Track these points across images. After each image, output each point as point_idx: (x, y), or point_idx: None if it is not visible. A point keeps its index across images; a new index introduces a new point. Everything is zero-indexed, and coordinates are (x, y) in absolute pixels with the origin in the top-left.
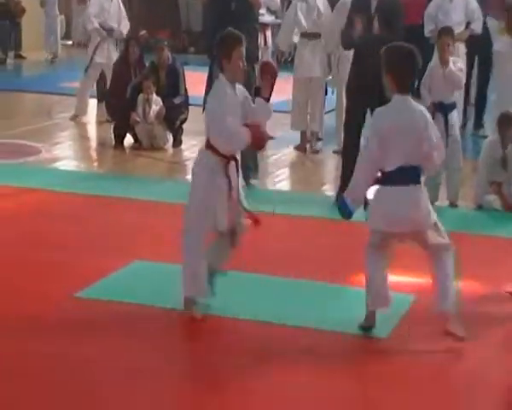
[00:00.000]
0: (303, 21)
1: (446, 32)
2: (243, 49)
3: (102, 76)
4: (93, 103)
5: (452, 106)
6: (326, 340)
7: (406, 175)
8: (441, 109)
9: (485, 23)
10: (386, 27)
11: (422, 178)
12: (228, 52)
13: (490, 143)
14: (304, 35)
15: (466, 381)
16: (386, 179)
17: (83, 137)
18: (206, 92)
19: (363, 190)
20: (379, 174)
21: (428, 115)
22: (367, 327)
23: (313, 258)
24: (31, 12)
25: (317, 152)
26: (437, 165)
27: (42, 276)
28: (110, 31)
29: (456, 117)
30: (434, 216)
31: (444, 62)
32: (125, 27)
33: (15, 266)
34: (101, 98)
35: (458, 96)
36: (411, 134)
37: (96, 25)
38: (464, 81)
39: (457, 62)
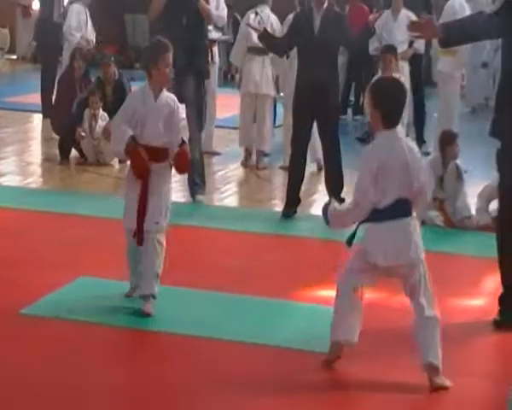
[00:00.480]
0: (253, 35)
1: (389, 49)
2: (170, 57)
3: (48, 91)
4: (39, 118)
5: None
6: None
7: (400, 209)
8: None
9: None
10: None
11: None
12: (155, 59)
13: (431, 161)
14: (252, 49)
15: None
16: (380, 215)
17: (27, 152)
18: None
19: (349, 226)
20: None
21: (417, 149)
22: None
23: (259, 273)
24: None
25: (263, 168)
26: (428, 198)
27: None
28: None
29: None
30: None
31: None
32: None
33: None
34: (46, 113)
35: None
36: (403, 169)
37: (78, 38)
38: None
39: (401, 78)
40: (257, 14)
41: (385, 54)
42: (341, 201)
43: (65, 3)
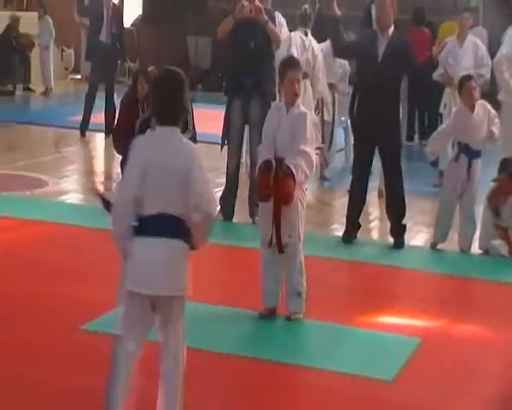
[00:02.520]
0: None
1: (469, 78)
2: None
3: (110, 111)
4: (101, 137)
5: (478, 153)
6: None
7: (163, 226)
8: (466, 152)
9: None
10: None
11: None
12: (281, 76)
13: (491, 189)
14: None
15: None
16: (141, 225)
17: (89, 171)
18: (224, 131)
19: (118, 230)
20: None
21: (199, 157)
22: None
23: (318, 297)
24: None
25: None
26: (207, 222)
27: (48, 308)
28: None
29: (479, 165)
30: (185, 289)
31: (471, 107)
32: None
33: (22, 298)
34: (108, 132)
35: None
36: (172, 176)
37: None
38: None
39: (487, 106)
40: (306, 34)
41: (468, 82)
42: (403, 228)
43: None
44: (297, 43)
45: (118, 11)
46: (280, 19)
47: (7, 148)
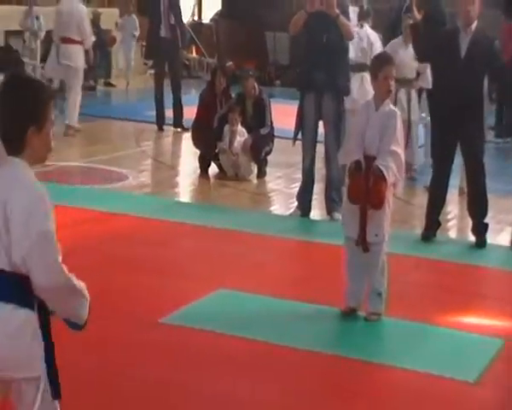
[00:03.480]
0: (351, 51)
1: None
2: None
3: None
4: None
5: None
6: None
7: None
8: None
9: None
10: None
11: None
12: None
13: None
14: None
15: None
16: None
17: (168, 165)
18: (297, 127)
19: None
20: None
21: (42, 200)
22: None
23: (398, 295)
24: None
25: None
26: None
27: (127, 300)
28: None
29: None
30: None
31: None
32: None
33: (102, 291)
34: (176, 125)
35: None
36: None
37: None
38: None
39: None
40: (362, 26)
41: None
42: (485, 226)
43: (172, 20)
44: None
45: (174, 2)
46: (354, 13)
47: (89, 141)
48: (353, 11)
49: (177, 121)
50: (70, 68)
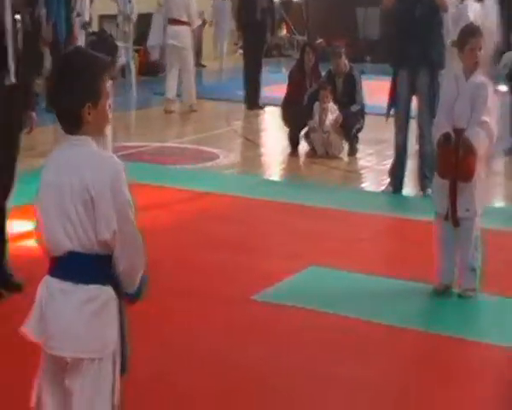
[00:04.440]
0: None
1: None
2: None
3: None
4: (270, 111)
5: None
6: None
7: (72, 268)
8: None
9: None
10: None
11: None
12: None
13: None
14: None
15: None
16: (50, 267)
17: (258, 143)
18: (390, 103)
19: None
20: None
21: (119, 171)
22: None
23: (496, 272)
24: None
25: None
26: (136, 272)
27: (220, 278)
28: None
29: None
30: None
31: None
32: None
33: (195, 268)
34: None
35: None
36: (74, 200)
37: None
38: None
39: None
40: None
41: None
42: None
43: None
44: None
45: None
46: None
47: (181, 122)
48: None
49: (254, 101)
50: (179, 49)
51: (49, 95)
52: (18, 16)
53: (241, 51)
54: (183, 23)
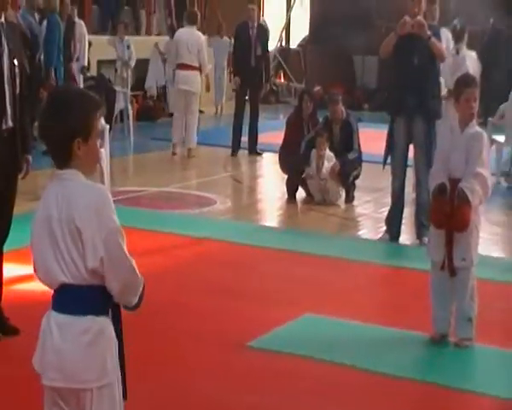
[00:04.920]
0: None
1: None
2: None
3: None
4: (268, 157)
5: None
6: None
7: (65, 299)
8: None
9: None
10: None
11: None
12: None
13: None
14: None
15: None
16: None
17: (255, 189)
18: (386, 151)
19: None
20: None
21: (106, 198)
22: None
23: (490, 321)
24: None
25: None
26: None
27: (216, 323)
28: None
29: None
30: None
31: None
32: None
33: (191, 312)
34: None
35: None
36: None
37: None
38: None
39: None
40: (458, 52)
41: None
42: None
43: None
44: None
45: (262, 31)
46: (447, 35)
47: (178, 167)
48: (443, 32)
49: (252, 147)
50: (188, 93)
51: (40, 128)
52: (16, 61)
53: None
54: (193, 68)
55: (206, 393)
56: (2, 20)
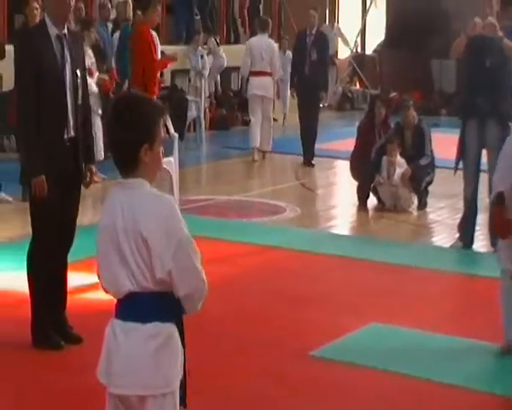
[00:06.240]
0: None
1: None
2: None
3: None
4: (341, 165)
5: None
6: None
7: (131, 307)
8: None
9: None
10: None
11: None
12: None
13: None
14: None
15: None
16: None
17: (327, 196)
18: (458, 154)
19: None
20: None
21: (174, 208)
22: None
23: None
24: None
25: None
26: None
27: (281, 330)
28: None
29: None
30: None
31: None
32: None
33: (255, 321)
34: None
35: None
36: (127, 240)
37: None
38: None
39: None
40: None
41: None
42: None
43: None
44: None
45: (320, 38)
46: None
47: (247, 176)
48: None
49: (307, 158)
50: (266, 99)
51: (108, 138)
52: (78, 72)
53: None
54: (266, 74)
55: (268, 399)
56: (65, 31)
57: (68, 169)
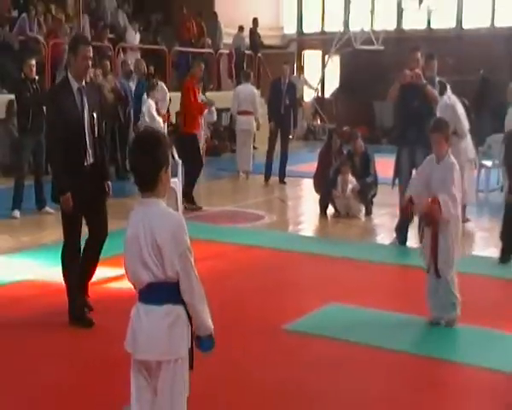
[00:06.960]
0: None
1: None
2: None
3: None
4: (305, 182)
5: None
6: None
7: (152, 294)
8: None
9: None
10: None
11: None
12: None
13: None
14: None
15: None
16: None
17: (296, 206)
18: (395, 173)
19: None
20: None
21: (181, 224)
22: None
23: None
24: None
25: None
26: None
27: (258, 310)
28: None
29: None
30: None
31: None
32: None
33: (235, 304)
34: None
35: None
36: (145, 244)
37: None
38: None
39: None
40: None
41: None
42: None
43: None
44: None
45: (292, 86)
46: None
47: (235, 191)
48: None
49: (280, 178)
50: (248, 132)
51: (132, 162)
52: (94, 113)
53: (290, 137)
54: (249, 113)
55: (246, 368)
56: (84, 83)
57: (89, 187)
